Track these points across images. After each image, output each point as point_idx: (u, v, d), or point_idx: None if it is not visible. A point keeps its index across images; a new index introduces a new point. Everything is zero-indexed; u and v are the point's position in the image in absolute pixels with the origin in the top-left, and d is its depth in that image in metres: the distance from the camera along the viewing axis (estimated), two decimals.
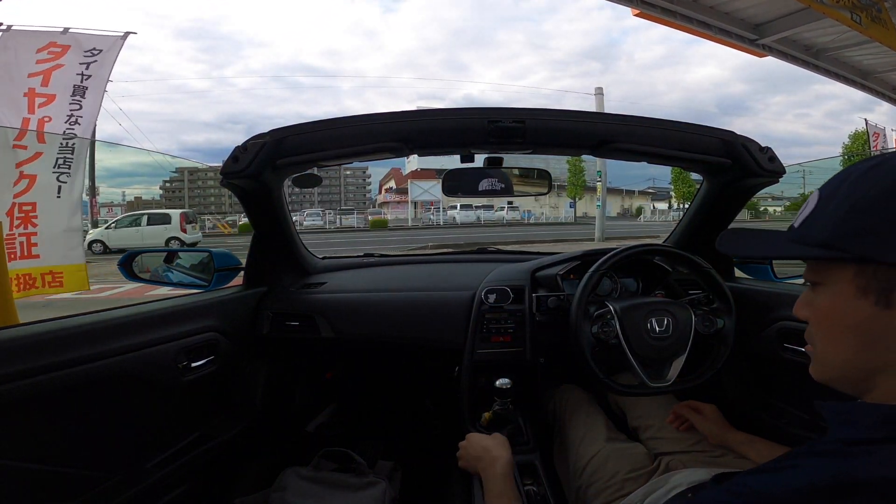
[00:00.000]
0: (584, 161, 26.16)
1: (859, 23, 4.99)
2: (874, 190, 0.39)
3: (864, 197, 0.39)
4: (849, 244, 0.39)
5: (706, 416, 0.95)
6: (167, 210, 14.99)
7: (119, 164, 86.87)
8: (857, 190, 0.40)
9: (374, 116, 0.96)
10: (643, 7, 5.61)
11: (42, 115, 2.61)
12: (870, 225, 0.38)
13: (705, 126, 1.00)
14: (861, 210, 0.39)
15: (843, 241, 0.39)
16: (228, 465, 1.21)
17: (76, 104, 2.66)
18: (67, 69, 2.67)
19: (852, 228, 0.39)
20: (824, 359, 0.45)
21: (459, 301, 1.23)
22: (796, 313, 0.47)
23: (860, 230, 0.38)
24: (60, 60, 2.67)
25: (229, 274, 1.25)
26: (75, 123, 2.65)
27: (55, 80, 2.64)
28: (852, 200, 0.39)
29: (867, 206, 0.39)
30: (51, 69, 2.65)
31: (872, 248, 0.38)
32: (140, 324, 0.92)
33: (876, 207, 0.38)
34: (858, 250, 0.38)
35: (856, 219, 0.39)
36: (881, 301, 0.38)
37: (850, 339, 0.41)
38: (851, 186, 0.40)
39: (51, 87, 2.64)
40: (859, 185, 0.40)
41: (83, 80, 2.68)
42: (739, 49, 6.58)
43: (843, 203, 0.40)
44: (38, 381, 0.72)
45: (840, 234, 0.39)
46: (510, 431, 1.05)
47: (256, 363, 1.28)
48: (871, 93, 7.93)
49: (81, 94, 2.67)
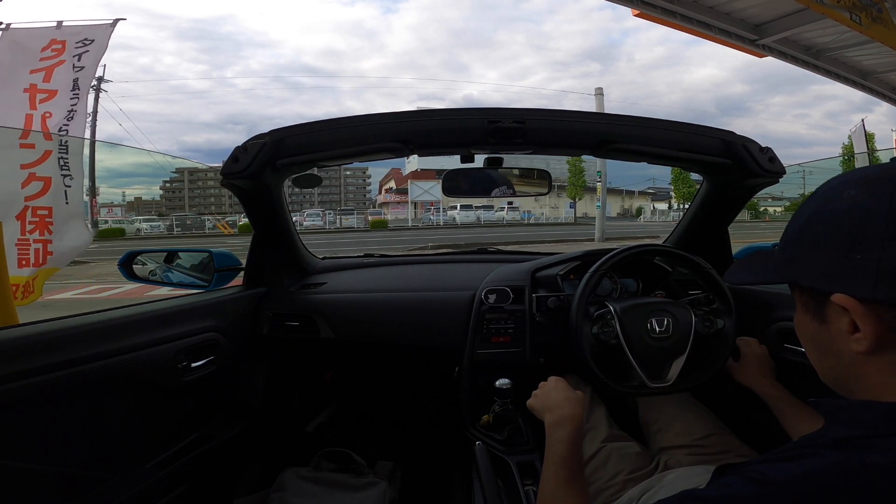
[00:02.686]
0: (584, 161, 26.18)
1: (859, 23, 4.99)
2: (796, 223, 0.45)
3: (790, 229, 0.46)
4: (784, 271, 0.45)
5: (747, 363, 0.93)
6: None
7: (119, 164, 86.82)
8: (790, 223, 0.46)
9: (374, 117, 0.96)
10: (643, 7, 5.62)
11: (43, 110, 2.57)
12: (791, 254, 0.44)
13: (705, 126, 1.00)
14: (787, 241, 0.46)
15: (782, 269, 0.46)
16: (228, 465, 1.21)
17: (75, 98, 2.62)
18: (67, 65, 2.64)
19: (785, 257, 0.45)
20: (814, 366, 0.49)
21: (459, 301, 1.23)
22: None
23: (788, 258, 0.45)
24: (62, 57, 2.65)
25: (229, 274, 1.25)
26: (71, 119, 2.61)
27: (57, 76, 2.61)
28: (790, 228, 0.46)
29: (791, 237, 0.45)
30: (53, 66, 2.62)
31: (795, 274, 0.44)
32: (140, 324, 0.92)
33: (795, 238, 0.45)
34: (788, 276, 0.45)
35: (786, 248, 0.46)
36: (817, 317, 0.44)
37: (813, 349, 0.47)
38: (800, 213, 0.46)
39: (52, 83, 2.60)
40: (793, 217, 0.46)
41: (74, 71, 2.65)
42: (739, 49, 6.59)
43: (788, 229, 0.46)
44: (38, 381, 0.72)
45: (780, 262, 0.46)
46: (510, 432, 1.05)
47: (256, 363, 1.28)
48: (870, 93, 7.94)
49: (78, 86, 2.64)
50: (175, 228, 24.77)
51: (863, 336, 0.40)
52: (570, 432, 0.72)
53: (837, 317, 0.42)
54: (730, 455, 0.89)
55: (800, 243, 0.44)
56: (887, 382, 0.41)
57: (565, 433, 0.72)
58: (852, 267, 0.39)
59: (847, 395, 0.45)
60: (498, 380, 1.05)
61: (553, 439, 0.72)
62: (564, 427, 0.73)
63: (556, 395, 0.79)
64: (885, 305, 0.38)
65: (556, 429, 0.73)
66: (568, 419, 0.74)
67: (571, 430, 0.72)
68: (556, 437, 0.72)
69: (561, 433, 0.72)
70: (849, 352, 0.42)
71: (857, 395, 0.43)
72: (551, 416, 0.76)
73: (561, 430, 0.73)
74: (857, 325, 0.40)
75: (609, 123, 0.97)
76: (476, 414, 1.13)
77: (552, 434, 0.73)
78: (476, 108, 0.96)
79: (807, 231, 0.43)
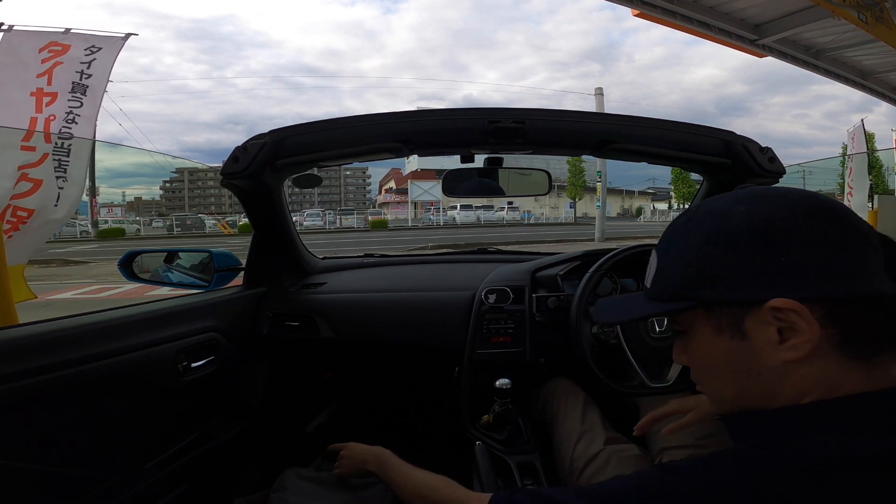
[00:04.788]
0: (584, 161, 26.18)
1: (865, 21, 4.99)
2: (695, 243, 0.44)
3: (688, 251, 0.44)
4: (693, 292, 0.43)
5: None
6: None
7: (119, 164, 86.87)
8: (685, 244, 0.45)
9: (374, 117, 0.96)
10: (643, 7, 5.62)
11: (48, 113, 2.54)
12: (703, 273, 0.43)
13: (705, 126, 1.00)
14: (688, 263, 0.44)
15: (689, 291, 0.44)
16: (228, 465, 1.21)
17: (76, 101, 2.58)
18: (67, 66, 2.61)
19: (692, 279, 0.43)
20: (716, 396, 0.48)
21: (459, 301, 1.22)
22: (676, 360, 0.50)
23: (698, 279, 0.43)
24: (61, 58, 2.62)
25: (229, 274, 1.25)
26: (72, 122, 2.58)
27: (57, 78, 2.59)
28: (678, 254, 0.45)
29: (690, 257, 0.44)
30: (52, 66, 2.60)
31: (710, 292, 0.42)
32: (140, 324, 0.92)
33: (702, 257, 0.43)
34: (702, 296, 0.43)
35: (688, 269, 0.44)
36: (736, 335, 0.42)
37: (726, 374, 0.45)
38: (677, 241, 0.46)
39: (54, 85, 2.58)
40: (683, 239, 0.45)
41: (83, 78, 2.62)
42: (739, 49, 6.59)
43: (678, 258, 0.45)
44: (38, 381, 0.71)
45: (685, 286, 0.44)
46: (510, 432, 1.05)
47: (256, 363, 1.28)
48: (870, 93, 7.94)
49: (82, 91, 2.61)
50: (175, 228, 24.77)
51: (805, 340, 0.39)
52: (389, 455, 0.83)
53: (761, 328, 0.41)
54: None
55: (708, 258, 0.42)
56: (808, 389, 0.40)
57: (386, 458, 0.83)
58: (779, 269, 0.39)
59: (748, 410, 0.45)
60: (498, 380, 1.05)
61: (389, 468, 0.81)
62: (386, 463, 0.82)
63: (358, 450, 0.90)
64: (819, 303, 0.39)
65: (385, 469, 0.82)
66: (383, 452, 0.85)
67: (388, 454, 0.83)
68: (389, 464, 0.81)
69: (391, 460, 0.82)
70: (774, 365, 0.41)
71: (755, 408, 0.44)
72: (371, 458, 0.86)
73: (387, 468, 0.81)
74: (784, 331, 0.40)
75: (609, 123, 0.97)
76: (476, 414, 1.13)
77: (387, 474, 0.81)
78: (476, 108, 0.96)
79: (711, 248, 0.42)
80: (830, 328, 0.39)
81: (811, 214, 0.40)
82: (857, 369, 0.40)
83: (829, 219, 0.40)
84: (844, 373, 0.40)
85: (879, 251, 0.40)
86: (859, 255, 0.39)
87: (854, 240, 0.40)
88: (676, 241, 0.46)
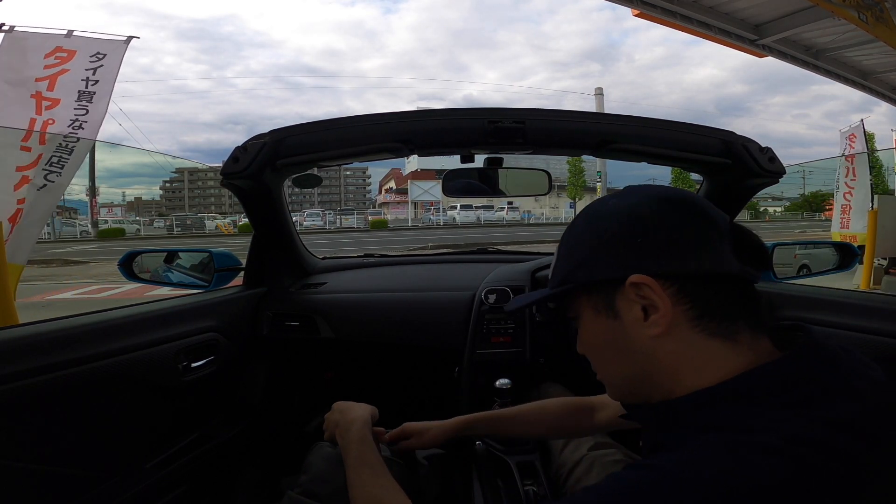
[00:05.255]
0: (584, 161, 26.19)
1: (865, 21, 4.99)
2: (574, 234, 0.51)
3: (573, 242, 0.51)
4: (572, 276, 0.49)
5: None
6: None
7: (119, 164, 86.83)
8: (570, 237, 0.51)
9: (374, 117, 0.96)
10: (643, 7, 5.62)
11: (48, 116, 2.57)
12: (578, 259, 0.49)
13: (705, 126, 1.00)
14: (571, 252, 0.50)
15: (569, 276, 0.49)
16: (228, 466, 1.21)
17: (82, 109, 2.61)
18: (73, 74, 2.63)
19: (572, 264, 0.49)
20: (608, 381, 0.52)
21: (459, 301, 1.23)
22: (578, 350, 0.54)
23: (576, 265, 0.49)
24: (66, 66, 2.64)
25: (229, 274, 1.25)
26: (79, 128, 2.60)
27: (60, 85, 2.61)
28: (567, 245, 0.51)
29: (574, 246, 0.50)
30: (57, 74, 2.62)
31: (583, 274, 0.48)
32: (140, 324, 0.92)
33: (577, 245, 0.50)
34: (578, 278, 0.48)
35: (571, 257, 0.50)
36: (610, 314, 0.47)
37: (610, 355, 0.49)
38: (567, 236, 0.52)
39: (56, 91, 2.60)
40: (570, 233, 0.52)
41: (88, 86, 2.64)
42: (739, 49, 6.59)
43: (565, 250, 0.51)
44: (38, 381, 0.71)
45: (567, 273, 0.50)
46: None
47: (256, 363, 1.28)
48: (870, 93, 7.95)
49: (88, 99, 2.63)
50: (175, 228, 24.77)
51: (659, 315, 0.43)
52: (358, 430, 0.73)
53: (629, 305, 0.45)
54: None
55: (580, 247, 0.49)
56: (678, 368, 0.44)
57: (353, 434, 0.73)
58: (637, 250, 0.45)
59: (646, 399, 0.47)
60: (498, 380, 1.05)
61: (344, 442, 0.73)
62: (350, 430, 0.74)
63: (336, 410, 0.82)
64: (671, 280, 0.43)
65: (344, 436, 0.74)
66: (352, 421, 0.75)
67: (357, 428, 0.74)
68: (347, 438, 0.73)
69: (350, 435, 0.73)
70: (644, 341, 0.45)
71: (653, 397, 0.46)
72: (339, 428, 0.77)
73: (348, 432, 0.74)
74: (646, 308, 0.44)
75: (609, 123, 0.97)
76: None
77: (342, 437, 0.74)
78: (476, 109, 0.96)
79: (588, 236, 0.49)
80: (684, 303, 0.43)
81: (665, 203, 0.46)
82: (723, 347, 0.43)
83: (680, 207, 0.46)
84: (709, 351, 0.43)
85: (727, 236, 0.45)
86: (706, 237, 0.44)
87: (702, 225, 0.45)
88: (567, 237, 0.52)
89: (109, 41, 2.76)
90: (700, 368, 0.43)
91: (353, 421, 0.75)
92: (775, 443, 0.35)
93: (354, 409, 0.79)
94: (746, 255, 0.45)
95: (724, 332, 0.43)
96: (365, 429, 0.74)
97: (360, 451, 0.70)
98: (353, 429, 0.74)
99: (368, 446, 0.71)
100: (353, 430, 0.74)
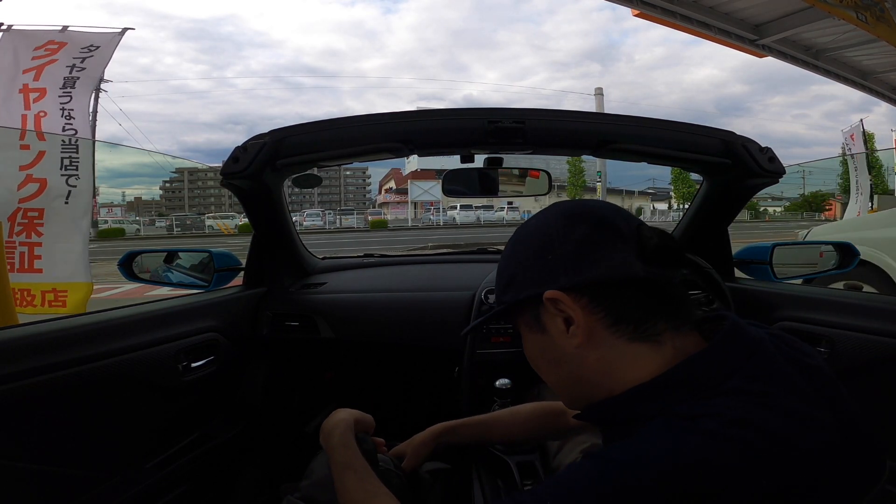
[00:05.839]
0: (584, 161, 26.21)
1: (865, 21, 4.99)
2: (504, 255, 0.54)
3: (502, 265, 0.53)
4: (503, 297, 0.52)
5: None
6: None
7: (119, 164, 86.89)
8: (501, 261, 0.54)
9: (374, 117, 0.96)
10: (643, 7, 5.62)
11: (37, 110, 2.53)
12: (507, 280, 0.51)
13: (705, 126, 1.00)
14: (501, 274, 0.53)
15: (502, 297, 0.53)
16: (228, 465, 1.21)
17: (66, 96, 2.56)
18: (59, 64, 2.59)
19: (501, 286, 0.53)
20: (553, 388, 0.53)
21: (459, 301, 1.23)
22: None
23: (503, 287, 0.52)
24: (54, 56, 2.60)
25: (229, 274, 1.25)
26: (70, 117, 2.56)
27: (46, 75, 2.57)
28: (499, 269, 0.54)
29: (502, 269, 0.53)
30: (44, 64, 2.58)
31: (514, 292, 0.50)
32: (140, 324, 0.92)
33: (505, 266, 0.52)
34: (508, 299, 0.51)
35: (500, 280, 0.53)
36: (539, 329, 0.49)
37: (545, 366, 0.52)
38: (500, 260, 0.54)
39: (42, 81, 2.56)
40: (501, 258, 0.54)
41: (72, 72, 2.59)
42: (739, 49, 6.59)
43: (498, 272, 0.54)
44: (38, 381, 0.71)
45: (499, 293, 0.53)
46: None
47: (256, 363, 1.28)
48: (870, 93, 7.95)
49: (71, 85, 2.58)
50: (175, 228, 24.77)
51: (576, 326, 0.45)
52: (340, 435, 0.72)
53: (552, 319, 0.47)
54: None
55: (508, 268, 0.52)
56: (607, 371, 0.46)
57: (335, 439, 0.72)
58: (548, 267, 0.47)
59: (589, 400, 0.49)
60: (498, 380, 1.05)
61: (327, 446, 0.72)
62: (332, 436, 0.73)
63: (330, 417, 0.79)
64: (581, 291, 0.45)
65: (328, 436, 0.73)
66: (335, 426, 0.74)
67: (340, 433, 0.72)
68: (330, 444, 0.72)
69: (332, 441, 0.72)
70: (570, 350, 0.47)
71: (595, 397, 0.48)
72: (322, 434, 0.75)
73: (331, 437, 0.73)
74: (568, 320, 0.46)
75: (609, 123, 0.97)
76: (476, 414, 1.13)
77: (326, 442, 0.73)
78: (476, 109, 0.96)
79: (512, 257, 0.52)
80: (598, 312, 0.45)
81: (567, 218, 0.48)
82: (645, 348, 0.45)
83: (582, 219, 0.47)
84: (631, 354, 0.45)
85: (631, 241, 0.46)
86: (608, 246, 0.46)
87: (604, 234, 0.46)
88: (500, 260, 0.54)
89: (103, 34, 2.73)
90: (626, 370, 0.45)
91: (336, 425, 0.73)
92: (718, 427, 0.37)
93: (338, 413, 0.77)
94: (652, 257, 0.46)
95: (644, 335, 0.45)
96: (348, 432, 0.72)
97: (343, 455, 0.69)
98: (335, 433, 0.72)
99: (351, 450, 0.70)
100: (336, 433, 0.72)
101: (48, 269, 2.44)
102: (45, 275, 2.43)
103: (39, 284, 2.43)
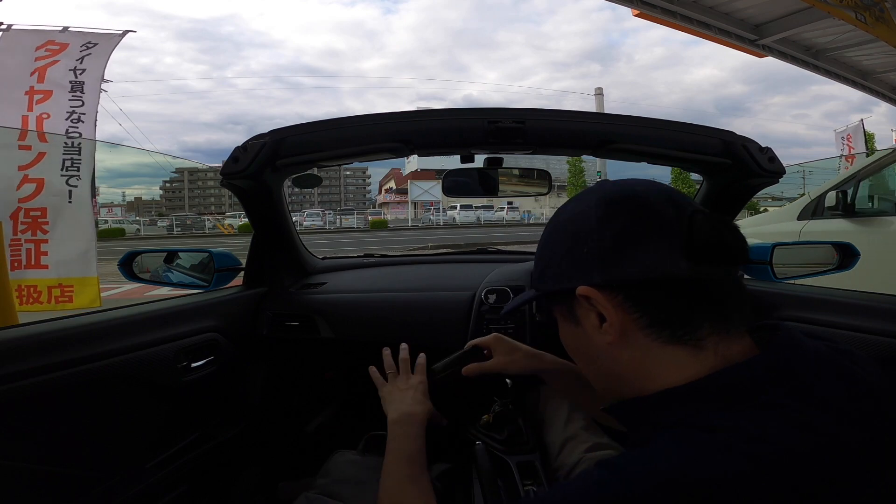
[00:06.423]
0: (584, 161, 26.20)
1: (864, 21, 4.99)
2: (540, 242, 0.52)
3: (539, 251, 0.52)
4: (538, 285, 0.51)
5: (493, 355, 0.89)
6: None
7: (119, 164, 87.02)
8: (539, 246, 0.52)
9: (374, 117, 0.96)
10: (643, 7, 5.63)
11: (40, 111, 2.55)
12: (541, 269, 0.50)
13: (705, 126, 1.00)
14: (538, 261, 0.52)
15: (536, 285, 0.52)
16: (228, 465, 1.21)
17: (77, 100, 2.59)
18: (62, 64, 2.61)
19: (537, 274, 0.51)
20: (587, 377, 0.52)
21: (459, 301, 1.22)
22: None
23: (538, 274, 0.51)
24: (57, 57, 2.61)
25: (229, 274, 1.25)
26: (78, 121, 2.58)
27: (50, 76, 2.59)
28: (537, 254, 0.52)
29: (539, 257, 0.51)
30: (47, 66, 2.60)
31: (546, 283, 0.49)
32: (140, 324, 0.92)
33: (540, 255, 0.51)
34: (542, 288, 0.50)
35: (537, 267, 0.51)
36: (574, 321, 0.48)
37: (580, 358, 0.51)
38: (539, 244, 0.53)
39: (46, 83, 2.58)
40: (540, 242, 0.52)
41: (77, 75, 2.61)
42: (739, 49, 6.60)
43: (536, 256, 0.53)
44: (38, 381, 0.71)
45: (535, 280, 0.52)
46: (510, 432, 1.05)
47: (256, 363, 1.28)
48: (870, 93, 7.95)
49: (80, 89, 2.61)
50: (175, 228, 24.77)
51: (609, 324, 0.43)
52: (412, 428, 0.74)
53: (586, 314, 0.45)
54: None
55: (543, 257, 0.50)
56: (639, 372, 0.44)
57: (407, 430, 0.74)
58: (582, 261, 0.44)
59: (620, 396, 0.47)
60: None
61: (394, 434, 0.74)
62: (404, 424, 0.74)
63: (397, 395, 0.82)
64: (616, 289, 0.43)
65: (398, 425, 0.75)
66: (407, 416, 0.76)
67: (412, 426, 0.74)
68: (398, 433, 0.74)
69: (402, 429, 0.74)
70: (602, 348, 0.45)
71: (626, 394, 0.46)
72: (393, 412, 0.78)
73: (402, 426, 0.74)
74: (602, 315, 0.44)
75: (609, 123, 0.97)
76: (476, 414, 1.13)
77: (393, 430, 0.75)
78: (476, 109, 0.96)
79: (547, 245, 0.50)
80: (633, 312, 0.42)
81: (606, 205, 0.44)
82: (682, 353, 0.41)
83: (624, 209, 0.43)
84: (667, 358, 0.42)
85: (678, 233, 0.42)
86: (648, 240, 0.42)
87: (645, 225, 0.42)
88: (539, 244, 0.53)
89: (103, 34, 2.74)
90: (660, 373, 0.42)
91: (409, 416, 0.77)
92: (733, 442, 0.35)
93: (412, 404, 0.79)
94: (700, 253, 0.41)
95: (682, 338, 0.41)
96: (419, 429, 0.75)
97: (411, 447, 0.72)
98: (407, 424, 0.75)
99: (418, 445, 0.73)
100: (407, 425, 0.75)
101: (55, 266, 2.49)
102: (51, 271, 2.49)
103: (45, 280, 2.49)
